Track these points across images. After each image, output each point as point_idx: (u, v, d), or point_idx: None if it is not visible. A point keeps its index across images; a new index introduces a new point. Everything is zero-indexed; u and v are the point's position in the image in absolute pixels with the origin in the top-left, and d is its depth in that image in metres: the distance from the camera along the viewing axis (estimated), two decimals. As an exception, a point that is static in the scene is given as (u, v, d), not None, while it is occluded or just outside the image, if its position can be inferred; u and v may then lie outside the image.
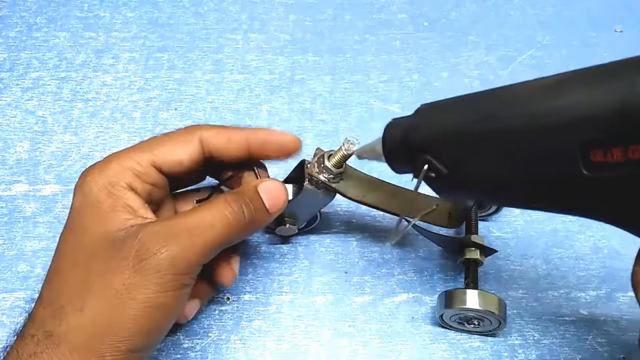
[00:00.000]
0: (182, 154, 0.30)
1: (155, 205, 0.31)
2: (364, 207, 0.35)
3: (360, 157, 0.32)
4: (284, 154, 0.32)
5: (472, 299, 0.33)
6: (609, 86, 0.19)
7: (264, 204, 0.30)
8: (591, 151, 0.20)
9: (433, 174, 0.26)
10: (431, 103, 0.28)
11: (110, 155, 0.30)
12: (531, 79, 0.23)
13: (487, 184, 0.25)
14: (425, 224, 0.36)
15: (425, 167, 0.26)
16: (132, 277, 0.26)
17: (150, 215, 0.29)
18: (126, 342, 0.26)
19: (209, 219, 0.28)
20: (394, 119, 0.30)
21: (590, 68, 0.21)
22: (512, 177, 0.23)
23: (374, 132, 0.31)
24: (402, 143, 0.28)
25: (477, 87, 0.47)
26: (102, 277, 0.26)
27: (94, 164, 0.30)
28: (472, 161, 0.24)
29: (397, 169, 0.30)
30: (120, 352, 0.26)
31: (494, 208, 0.39)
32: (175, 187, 0.33)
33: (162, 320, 0.27)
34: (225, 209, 0.28)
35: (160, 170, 0.30)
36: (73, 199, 0.29)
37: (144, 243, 0.26)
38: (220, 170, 0.34)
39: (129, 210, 0.28)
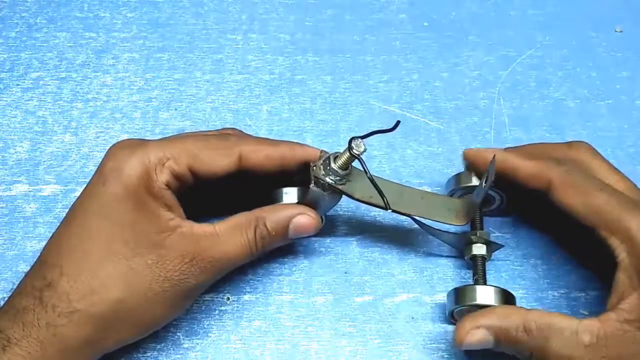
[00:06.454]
0: (219, 166, 0.30)
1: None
2: (364, 206, 0.35)
3: None
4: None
5: (485, 295, 0.33)
6: None
7: (287, 234, 0.32)
8: None
9: None
10: None
11: (147, 141, 0.31)
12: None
13: None
14: (430, 221, 0.36)
15: None
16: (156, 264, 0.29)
17: (182, 216, 0.30)
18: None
19: (230, 248, 0.31)
20: None
21: None
22: None
23: (374, 132, 0.31)
24: None
25: (477, 87, 0.47)
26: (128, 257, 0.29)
27: (127, 143, 0.31)
28: None
29: None
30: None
31: (497, 203, 0.39)
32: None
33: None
34: (245, 238, 0.31)
35: (194, 175, 0.30)
36: (104, 175, 0.30)
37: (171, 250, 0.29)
38: (251, 183, 0.34)
39: (166, 211, 0.30)
